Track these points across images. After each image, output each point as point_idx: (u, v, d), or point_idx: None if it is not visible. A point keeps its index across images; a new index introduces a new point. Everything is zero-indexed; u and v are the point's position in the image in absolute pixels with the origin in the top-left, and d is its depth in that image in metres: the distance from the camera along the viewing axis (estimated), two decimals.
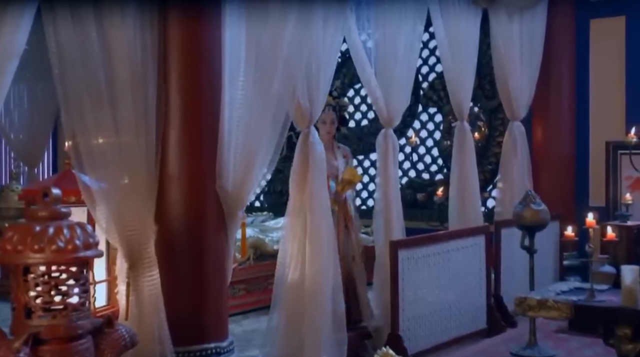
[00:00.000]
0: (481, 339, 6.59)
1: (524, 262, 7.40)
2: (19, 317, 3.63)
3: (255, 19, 4.98)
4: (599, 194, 8.13)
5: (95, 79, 4.43)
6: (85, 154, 4.47)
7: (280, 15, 4.99)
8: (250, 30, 4.97)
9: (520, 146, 7.89)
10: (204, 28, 4.89)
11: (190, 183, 4.86)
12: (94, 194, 4.55)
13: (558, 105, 8.39)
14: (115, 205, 4.54)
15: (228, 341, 5.00)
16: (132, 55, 4.57)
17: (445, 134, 9.47)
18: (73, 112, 4.41)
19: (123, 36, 4.52)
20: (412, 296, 6.02)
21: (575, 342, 6.04)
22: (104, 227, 4.58)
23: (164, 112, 4.77)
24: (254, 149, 4.97)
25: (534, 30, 7.91)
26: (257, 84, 4.95)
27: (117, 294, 4.87)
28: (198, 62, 4.89)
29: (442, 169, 9.58)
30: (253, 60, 4.96)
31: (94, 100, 4.43)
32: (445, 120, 9.49)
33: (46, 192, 3.72)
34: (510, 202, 7.80)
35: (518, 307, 5.17)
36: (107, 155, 4.53)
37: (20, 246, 3.56)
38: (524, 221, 5.64)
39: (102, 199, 4.54)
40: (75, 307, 3.67)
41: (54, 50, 4.30)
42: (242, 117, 4.94)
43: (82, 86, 4.39)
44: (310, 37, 5.18)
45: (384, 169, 6.30)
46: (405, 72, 6.41)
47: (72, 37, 4.33)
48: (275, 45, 4.97)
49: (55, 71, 4.33)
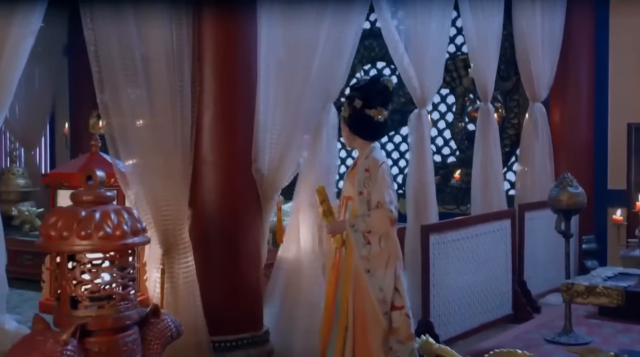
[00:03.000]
0: (507, 324, 6.46)
1: (548, 246, 7.33)
2: (64, 308, 3.43)
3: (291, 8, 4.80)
4: (618, 177, 7.99)
5: (131, 58, 4.24)
6: (120, 135, 4.29)
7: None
8: (287, 13, 4.77)
9: (541, 128, 7.74)
10: (240, 10, 4.70)
11: (225, 166, 4.70)
12: (127, 177, 4.36)
13: (576, 88, 8.23)
14: (149, 188, 4.36)
15: (264, 330, 4.84)
16: (166, 34, 4.37)
17: (458, 115, 9.31)
18: (108, 91, 4.22)
19: (158, 14, 4.32)
20: (442, 282, 5.88)
21: (609, 328, 5.92)
22: (138, 211, 4.39)
23: (198, 93, 4.58)
24: (290, 132, 4.80)
25: (555, 11, 7.75)
26: (295, 67, 4.77)
27: (147, 281, 4.68)
28: (233, 42, 4.73)
29: (455, 152, 9.42)
30: (292, 44, 4.78)
31: (130, 79, 4.24)
32: (459, 102, 9.32)
33: (90, 175, 3.52)
34: (532, 185, 7.71)
35: (565, 294, 5.03)
36: (141, 136, 4.35)
37: (66, 232, 3.36)
38: (560, 204, 5.48)
39: (136, 182, 4.36)
40: (123, 297, 3.49)
41: (89, 26, 4.09)
42: (279, 99, 4.77)
43: (118, 64, 4.20)
44: (347, 23, 4.98)
45: (418, 150, 6.14)
46: (437, 51, 6.25)
47: (108, 14, 4.12)
48: (314, 30, 4.78)
49: (90, 48, 4.13)
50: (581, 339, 5.54)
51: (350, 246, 4.53)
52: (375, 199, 4.46)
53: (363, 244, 4.48)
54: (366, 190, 4.50)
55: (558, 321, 6.18)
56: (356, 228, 4.49)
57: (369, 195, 4.49)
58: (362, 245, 4.48)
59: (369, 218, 4.47)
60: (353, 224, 4.51)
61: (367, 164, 4.55)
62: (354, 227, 4.50)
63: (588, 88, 8.28)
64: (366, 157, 4.58)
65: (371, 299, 4.46)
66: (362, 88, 4.56)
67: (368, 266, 4.48)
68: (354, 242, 4.49)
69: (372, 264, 4.48)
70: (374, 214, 4.46)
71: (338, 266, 4.64)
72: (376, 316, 4.47)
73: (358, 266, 4.49)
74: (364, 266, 4.47)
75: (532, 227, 7.09)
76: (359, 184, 4.53)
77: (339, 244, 4.60)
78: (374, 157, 4.57)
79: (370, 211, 4.48)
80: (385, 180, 4.51)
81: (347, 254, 4.56)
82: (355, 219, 4.51)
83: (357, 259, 4.49)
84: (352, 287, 4.52)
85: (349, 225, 4.52)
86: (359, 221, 4.49)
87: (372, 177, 4.49)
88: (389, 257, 4.52)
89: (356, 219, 4.51)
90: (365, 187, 4.51)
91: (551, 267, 7.39)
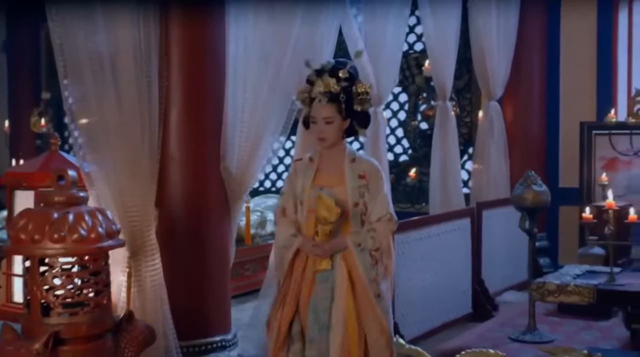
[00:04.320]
0: (468, 323, 6.45)
1: (503, 244, 7.36)
2: (35, 316, 3.26)
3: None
4: (570, 175, 8.07)
5: (97, 52, 4.07)
6: (85, 132, 4.11)
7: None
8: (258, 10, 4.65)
9: (496, 126, 7.77)
10: (208, 6, 4.57)
11: (193, 165, 4.56)
12: (92, 176, 4.18)
13: (529, 86, 8.26)
14: (116, 188, 4.19)
15: (232, 333, 4.71)
16: (134, 28, 4.20)
17: (411, 114, 9.29)
18: (72, 86, 4.03)
19: (126, 8, 4.15)
20: (405, 282, 5.83)
21: (570, 325, 5.94)
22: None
23: (165, 88, 4.42)
24: (260, 130, 4.67)
25: (509, 10, 7.79)
26: (264, 65, 4.64)
27: (111, 285, 4.50)
28: (201, 37, 4.60)
29: (408, 150, 9.40)
30: (262, 41, 4.65)
31: (96, 74, 4.06)
32: (411, 100, 9.31)
33: (62, 175, 3.35)
34: (487, 183, 7.73)
35: (536, 292, 5.02)
36: (108, 133, 4.17)
37: (38, 235, 3.19)
38: (525, 202, 5.47)
39: (102, 181, 4.18)
40: (97, 303, 3.33)
41: (54, 18, 3.91)
42: (248, 97, 4.63)
43: (84, 58, 4.02)
44: (317, 22, 4.87)
45: (373, 149, 6.08)
46: (394, 49, 6.21)
47: (74, 5, 3.94)
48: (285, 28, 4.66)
49: (55, 41, 3.95)
50: (545, 337, 5.55)
51: (346, 269, 3.78)
52: (378, 212, 3.79)
53: (371, 265, 3.79)
54: (362, 200, 3.80)
55: (519, 319, 6.19)
56: (363, 247, 3.77)
57: (365, 206, 3.81)
58: (370, 266, 3.79)
59: (376, 233, 3.79)
60: (359, 242, 3.77)
61: (361, 168, 3.83)
62: (360, 246, 3.77)
63: (540, 87, 8.33)
64: (353, 160, 3.84)
65: (382, 326, 3.80)
66: (353, 71, 3.84)
67: (377, 289, 3.80)
68: (360, 263, 3.77)
69: (380, 286, 3.82)
70: (380, 228, 3.79)
71: (310, 291, 3.83)
72: (383, 348, 3.80)
73: (367, 291, 3.78)
74: (374, 290, 3.79)
75: (489, 225, 7.10)
76: (352, 193, 3.79)
77: (329, 266, 3.81)
78: (368, 160, 3.92)
79: (369, 224, 3.80)
80: (388, 189, 3.98)
81: (342, 278, 3.78)
82: (359, 235, 3.78)
83: (367, 284, 3.77)
84: (355, 317, 3.78)
85: (353, 244, 3.76)
86: (365, 237, 3.77)
87: (372, 185, 3.80)
88: (387, 275, 3.92)
89: (359, 235, 3.78)
90: (361, 197, 3.80)
91: (507, 265, 7.43)
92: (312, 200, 3.77)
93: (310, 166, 3.88)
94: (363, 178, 3.81)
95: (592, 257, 6.25)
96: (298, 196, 3.86)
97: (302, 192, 3.85)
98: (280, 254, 3.91)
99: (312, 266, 3.83)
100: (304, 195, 3.83)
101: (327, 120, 3.76)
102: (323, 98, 3.74)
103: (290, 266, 3.86)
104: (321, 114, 3.76)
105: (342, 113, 3.77)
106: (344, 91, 3.76)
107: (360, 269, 3.79)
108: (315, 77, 3.80)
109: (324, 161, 3.88)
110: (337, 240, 3.80)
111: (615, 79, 8.13)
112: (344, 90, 3.75)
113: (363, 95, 3.80)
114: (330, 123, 3.77)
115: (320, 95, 3.74)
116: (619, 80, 8.15)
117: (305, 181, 3.84)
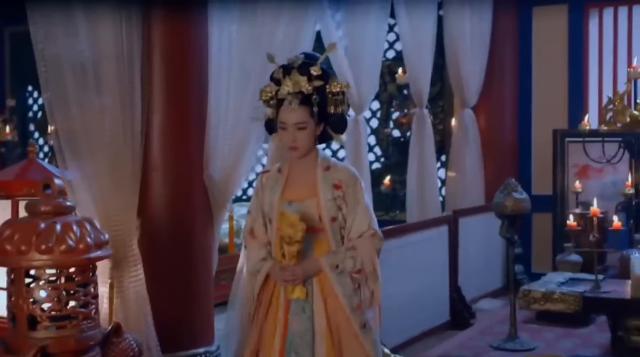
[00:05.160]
0: (446, 331, 6.42)
1: (479, 252, 7.35)
2: (21, 329, 3.14)
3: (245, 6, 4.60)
4: (543, 183, 8.09)
5: (80, 57, 3.95)
6: (66, 139, 3.98)
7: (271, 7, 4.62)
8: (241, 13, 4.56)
9: (471, 134, 7.78)
10: (190, 9, 4.47)
11: (175, 172, 4.43)
12: (73, 184, 4.05)
13: (501, 93, 8.30)
14: (99, 196, 4.06)
15: (216, 344, 4.61)
16: (117, 32, 4.08)
17: (383, 121, 9.27)
18: (53, 92, 3.92)
19: (109, 11, 4.04)
20: (386, 290, 5.75)
21: (549, 333, 5.95)
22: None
23: (147, 95, 4.32)
24: (244, 137, 4.57)
25: (482, 16, 7.82)
26: (249, 71, 4.54)
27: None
28: (183, 40, 4.44)
29: (380, 158, 9.37)
30: (243, 47, 4.55)
31: (78, 79, 3.94)
32: (383, 108, 9.28)
33: (48, 183, 3.24)
34: (463, 191, 7.72)
35: (522, 300, 5.01)
36: (90, 140, 4.04)
37: (24, 246, 3.07)
38: (506, 210, 5.47)
39: (84, 190, 4.05)
40: (85, 316, 3.21)
41: (36, 23, 3.79)
42: (231, 104, 4.53)
43: (66, 63, 3.90)
44: (301, 28, 4.80)
45: (355, 156, 6.02)
46: (374, 56, 6.18)
47: (56, 9, 3.84)
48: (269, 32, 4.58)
49: (37, 46, 3.82)
50: (527, 345, 5.55)
51: (323, 297, 3.29)
52: (359, 227, 3.30)
53: (353, 290, 3.27)
54: (340, 213, 3.31)
55: (498, 327, 6.21)
56: (342, 269, 3.24)
57: (344, 220, 3.32)
58: (352, 292, 3.27)
59: (357, 252, 3.27)
60: (336, 263, 3.24)
61: (336, 176, 3.33)
62: (337, 269, 3.24)
63: (512, 94, 8.37)
64: (326, 168, 3.36)
65: None
66: (326, 66, 3.37)
67: (362, 318, 3.27)
68: (340, 289, 3.24)
69: (365, 315, 3.28)
70: (362, 246, 3.28)
71: (285, 327, 3.32)
72: None
73: (350, 322, 3.26)
74: (358, 320, 3.26)
75: (464, 232, 7.09)
76: (327, 206, 3.28)
77: (303, 294, 3.29)
78: (344, 167, 3.44)
79: (349, 242, 3.30)
80: (369, 200, 3.47)
81: (321, 313, 3.29)
82: (336, 256, 3.26)
83: (349, 313, 3.24)
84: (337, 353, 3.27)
85: (329, 266, 3.24)
86: (344, 258, 3.25)
87: (349, 196, 3.30)
88: (373, 301, 3.39)
89: (336, 256, 3.26)
90: (339, 210, 3.31)
91: (482, 273, 7.44)
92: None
93: (278, 178, 3.41)
94: (338, 188, 3.31)
95: (570, 264, 6.28)
96: (267, 213, 3.41)
97: (270, 208, 3.38)
98: (250, 282, 3.47)
99: (283, 294, 3.33)
100: (272, 212, 3.36)
101: (299, 126, 3.27)
102: (294, 100, 3.25)
103: (258, 295, 3.40)
104: (292, 119, 3.26)
105: (315, 117, 3.28)
106: (317, 92, 3.26)
107: (341, 296, 3.25)
108: (281, 74, 3.32)
109: (294, 172, 3.41)
110: (309, 262, 3.27)
111: (586, 86, 8.21)
112: (317, 90, 3.26)
113: (338, 96, 3.28)
114: (303, 129, 3.28)
115: (291, 96, 3.25)
116: (590, 88, 8.22)
117: (273, 195, 3.37)
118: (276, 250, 3.34)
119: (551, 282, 5.23)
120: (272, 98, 3.33)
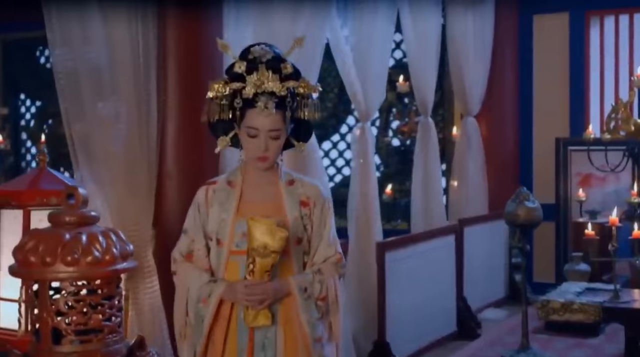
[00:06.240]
0: (453, 342, 6.36)
1: (483, 261, 7.30)
2: (45, 344, 3.00)
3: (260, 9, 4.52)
4: (544, 192, 8.05)
5: (96, 63, 3.87)
6: (82, 147, 3.90)
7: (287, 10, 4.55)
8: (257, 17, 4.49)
9: (474, 142, 7.73)
10: (205, 13, 4.39)
11: (191, 181, 4.32)
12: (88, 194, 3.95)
13: (502, 102, 8.28)
14: (116, 206, 3.98)
15: None
16: (133, 38, 4.02)
17: (383, 130, 9.21)
18: (70, 100, 3.83)
19: (125, 17, 3.97)
20: (395, 301, 5.70)
21: (560, 343, 5.89)
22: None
23: (163, 102, 4.23)
24: None
25: (484, 25, 7.79)
26: None
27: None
28: (197, 47, 4.37)
29: (380, 167, 9.30)
30: None
31: (94, 86, 3.86)
32: (383, 116, 9.22)
33: (71, 193, 3.12)
34: (467, 200, 7.66)
35: (541, 311, 4.95)
36: (107, 148, 3.96)
37: (49, 257, 2.94)
38: (518, 219, 5.40)
39: (100, 200, 3.96)
40: (111, 329, 3.10)
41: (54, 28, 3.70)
42: None
43: (83, 69, 3.81)
44: (319, 31, 4.73)
45: (363, 169, 5.92)
46: (381, 63, 6.10)
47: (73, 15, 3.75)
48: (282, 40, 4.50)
49: (54, 52, 3.73)
50: (540, 356, 5.48)
51: (282, 324, 2.86)
52: (325, 252, 2.91)
53: (317, 319, 2.85)
54: (306, 235, 2.91)
55: (507, 337, 6.15)
56: (310, 293, 2.83)
57: (308, 242, 2.92)
58: (316, 320, 2.85)
59: (324, 277, 2.87)
60: (305, 286, 2.83)
61: (303, 193, 2.92)
62: (306, 292, 2.83)
63: (513, 103, 8.35)
64: (290, 182, 2.94)
65: None
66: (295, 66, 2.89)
67: (322, 354, 2.86)
68: (304, 315, 2.83)
69: (324, 351, 2.87)
70: (327, 271, 2.89)
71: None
72: None
73: (310, 355, 2.84)
74: (317, 354, 2.85)
75: (469, 242, 7.04)
76: (295, 225, 2.86)
77: (268, 321, 2.81)
78: (313, 183, 3.00)
79: (313, 265, 2.91)
80: (333, 223, 2.99)
81: (290, 335, 2.86)
82: (305, 278, 2.86)
83: (310, 344, 2.83)
84: None
85: (298, 288, 2.82)
86: (312, 281, 2.85)
87: (316, 215, 2.91)
88: (332, 336, 2.93)
89: (306, 278, 2.86)
90: (305, 231, 2.90)
91: (487, 283, 7.39)
92: (238, 236, 2.86)
93: (230, 193, 2.94)
94: (306, 206, 2.90)
95: (579, 274, 6.23)
96: (215, 233, 2.94)
97: (221, 228, 2.91)
98: (195, 312, 2.98)
99: (244, 322, 2.82)
100: (224, 232, 2.90)
101: (273, 134, 2.81)
102: (270, 103, 2.75)
103: (209, 331, 2.93)
104: (266, 125, 2.78)
105: (287, 123, 2.83)
106: (291, 94, 2.81)
107: (305, 324, 2.83)
108: (244, 67, 2.83)
109: (250, 185, 2.95)
110: (280, 280, 2.82)
111: (587, 94, 8.19)
112: (291, 93, 2.81)
113: (309, 99, 2.87)
114: (277, 138, 2.82)
115: (266, 98, 2.76)
116: (592, 96, 8.20)
117: (224, 213, 2.91)
118: (230, 275, 2.89)
119: (568, 292, 5.17)
120: (226, 96, 2.85)
